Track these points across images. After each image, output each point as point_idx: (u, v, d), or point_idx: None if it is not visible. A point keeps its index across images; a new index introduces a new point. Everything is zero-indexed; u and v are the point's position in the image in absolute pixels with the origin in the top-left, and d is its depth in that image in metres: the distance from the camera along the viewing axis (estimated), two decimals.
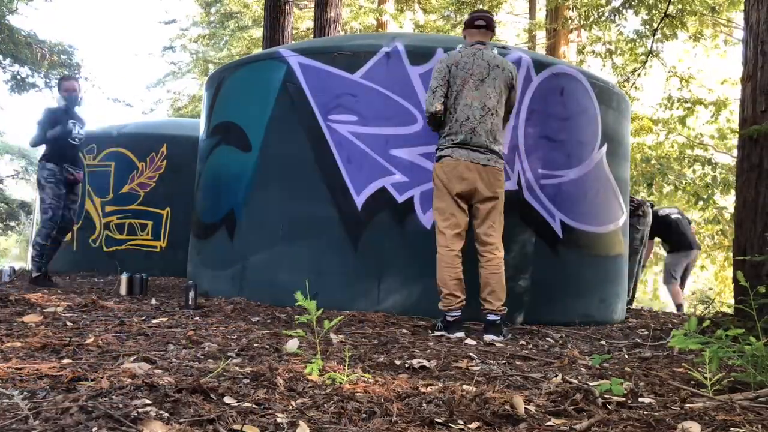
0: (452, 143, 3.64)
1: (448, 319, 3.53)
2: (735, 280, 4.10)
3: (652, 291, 13.50)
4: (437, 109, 3.65)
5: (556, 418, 1.75)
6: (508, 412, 1.73)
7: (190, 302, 4.07)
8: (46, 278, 5.39)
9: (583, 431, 1.63)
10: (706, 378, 2.16)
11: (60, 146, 5.32)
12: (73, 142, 5.41)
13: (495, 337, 3.44)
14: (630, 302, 6.73)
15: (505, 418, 1.71)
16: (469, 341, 3.31)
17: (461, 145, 3.61)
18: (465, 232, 3.63)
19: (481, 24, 3.79)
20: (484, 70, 3.66)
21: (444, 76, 3.67)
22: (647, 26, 9.99)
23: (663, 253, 12.72)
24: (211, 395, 1.75)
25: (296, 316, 2.81)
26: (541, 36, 15.10)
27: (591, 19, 10.60)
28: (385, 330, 3.48)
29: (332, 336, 3.10)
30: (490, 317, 3.54)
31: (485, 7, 13.62)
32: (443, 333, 3.48)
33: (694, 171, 10.39)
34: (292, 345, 2.68)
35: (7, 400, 1.66)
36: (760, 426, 1.65)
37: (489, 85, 3.66)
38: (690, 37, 11.52)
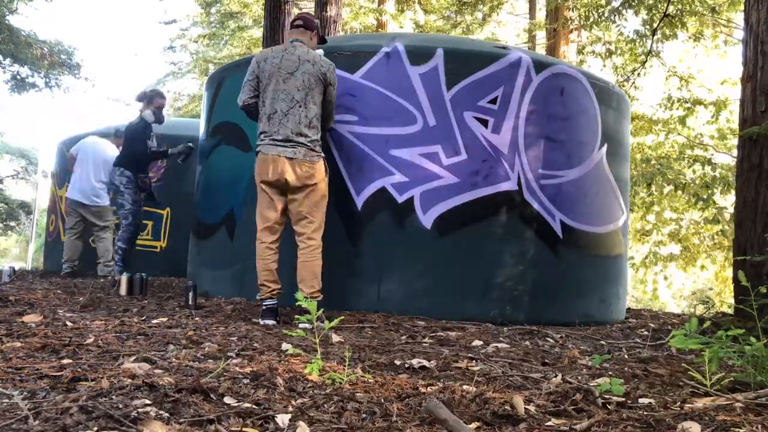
0: (262, 138, 3.77)
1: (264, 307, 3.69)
2: (735, 280, 4.11)
3: (653, 291, 13.49)
4: (246, 103, 3.87)
5: (556, 418, 1.75)
6: (508, 412, 1.73)
7: (190, 302, 4.07)
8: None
9: (583, 431, 1.63)
10: (706, 378, 2.16)
11: (139, 156, 5.66)
12: (149, 153, 5.75)
13: (306, 324, 3.41)
14: None
15: (505, 418, 1.71)
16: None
17: (270, 138, 3.72)
18: (279, 226, 3.79)
19: (299, 24, 3.96)
20: (293, 64, 3.74)
21: (253, 71, 3.83)
22: (647, 26, 9.99)
23: (663, 252, 12.74)
24: (211, 395, 1.75)
25: (296, 316, 2.81)
26: (541, 36, 15.10)
27: (591, 20, 10.59)
28: (385, 330, 3.49)
29: (332, 336, 3.10)
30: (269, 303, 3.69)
31: (485, 8, 13.64)
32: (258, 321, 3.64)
33: (694, 171, 10.39)
34: (292, 345, 2.68)
35: (7, 400, 1.66)
36: (760, 426, 1.65)
37: (297, 79, 3.72)
38: (690, 37, 11.52)
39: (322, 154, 3.83)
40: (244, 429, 1.51)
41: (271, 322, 3.59)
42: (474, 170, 4.26)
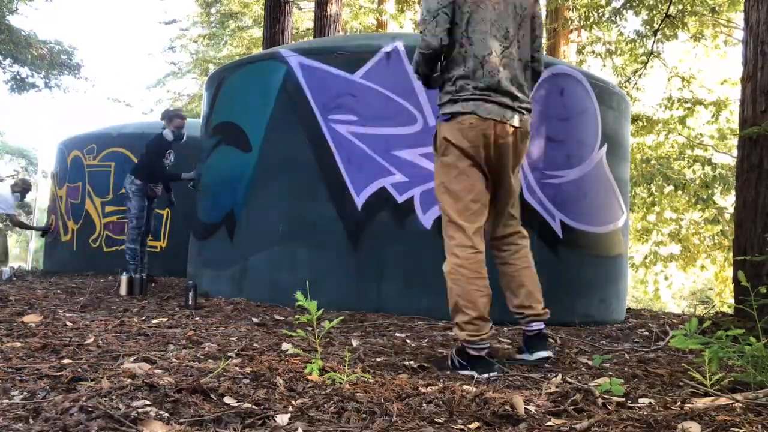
0: (474, 91, 2.52)
1: (472, 353, 2.48)
2: (735, 280, 4.10)
3: (653, 291, 13.49)
4: (444, 42, 2.52)
5: (556, 418, 1.75)
6: (508, 413, 1.73)
7: (190, 302, 4.07)
8: (149, 281, 5.78)
9: (583, 431, 1.63)
10: (706, 378, 2.16)
11: (152, 169, 6.00)
12: (163, 170, 6.11)
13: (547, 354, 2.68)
14: None
15: (505, 419, 1.71)
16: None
17: (486, 93, 2.52)
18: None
19: None
20: None
21: None
22: (647, 27, 9.99)
23: (663, 253, 12.73)
24: (211, 395, 1.75)
25: (296, 316, 2.81)
26: None
27: (591, 20, 10.59)
28: (385, 330, 3.48)
29: (333, 336, 3.10)
30: (535, 326, 2.73)
31: None
32: (472, 373, 2.40)
33: (694, 171, 10.39)
34: (292, 345, 2.68)
35: (7, 400, 1.66)
36: (760, 426, 1.65)
37: (510, 4, 2.61)
38: (690, 38, 11.52)
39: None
40: (244, 429, 1.51)
41: (494, 374, 2.39)
42: None
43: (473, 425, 1.66)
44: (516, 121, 2.57)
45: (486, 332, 2.55)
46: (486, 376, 2.34)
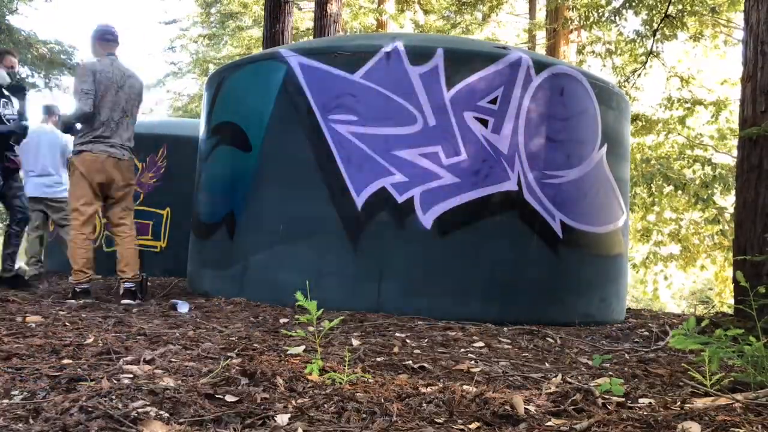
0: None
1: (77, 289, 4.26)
2: (735, 280, 4.10)
3: (653, 291, 13.49)
4: (91, 110, 4.30)
5: (556, 419, 1.75)
6: (508, 413, 1.73)
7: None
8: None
9: (582, 431, 1.63)
10: (706, 378, 2.16)
11: None
12: (5, 124, 4.84)
13: (131, 302, 4.20)
14: None
15: (505, 419, 1.71)
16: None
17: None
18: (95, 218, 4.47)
19: (111, 38, 4.54)
20: (120, 79, 4.41)
21: (92, 81, 4.32)
22: (647, 26, 9.99)
23: (663, 253, 12.74)
24: (211, 395, 1.75)
25: (296, 316, 2.81)
26: (541, 36, 15.10)
27: (591, 20, 10.59)
28: (385, 330, 3.48)
29: (333, 336, 3.10)
30: (127, 284, 4.32)
31: (485, 8, 13.63)
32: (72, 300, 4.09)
33: (694, 171, 10.40)
34: (292, 345, 2.68)
35: (7, 400, 1.66)
36: (760, 426, 1.65)
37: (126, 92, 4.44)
38: (690, 38, 11.52)
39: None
40: (244, 429, 1.51)
41: (89, 300, 4.12)
42: (474, 170, 4.26)
43: (473, 425, 1.66)
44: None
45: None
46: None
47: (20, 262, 7.32)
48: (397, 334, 3.35)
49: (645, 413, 1.79)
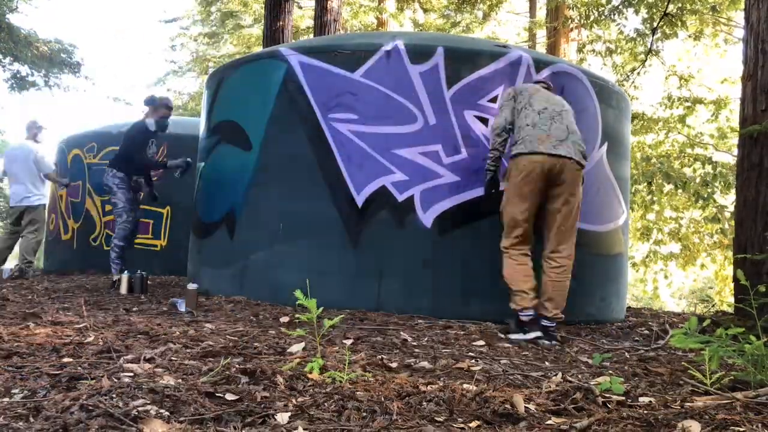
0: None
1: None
2: (735, 278, 4.11)
3: (653, 290, 13.48)
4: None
5: (557, 417, 1.75)
6: (508, 411, 1.73)
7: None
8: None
9: (583, 430, 1.63)
10: (706, 377, 2.16)
11: (134, 159, 5.59)
12: (146, 160, 5.73)
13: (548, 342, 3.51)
14: None
15: (505, 417, 1.71)
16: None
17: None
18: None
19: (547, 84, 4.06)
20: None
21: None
22: (647, 25, 9.98)
23: (663, 252, 12.72)
24: (212, 394, 1.75)
25: (297, 315, 2.81)
26: (541, 35, 15.09)
27: (591, 18, 10.58)
28: (385, 329, 3.48)
29: (333, 335, 3.10)
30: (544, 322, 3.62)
31: (485, 7, 13.61)
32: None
33: (694, 170, 10.39)
34: (293, 344, 2.68)
35: (7, 399, 1.66)
36: (760, 425, 1.65)
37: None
38: (690, 36, 11.51)
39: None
40: (244, 427, 1.52)
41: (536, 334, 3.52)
42: (474, 169, 4.26)
43: (473, 424, 1.66)
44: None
45: None
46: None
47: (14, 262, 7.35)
48: (398, 333, 3.35)
49: (645, 412, 1.79)
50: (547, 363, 2.72)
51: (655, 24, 9.50)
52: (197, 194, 5.40)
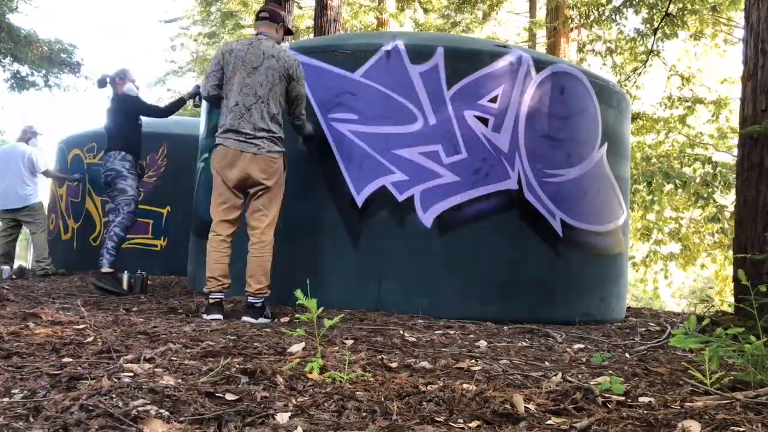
0: (225, 131, 3.77)
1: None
2: (735, 278, 4.11)
3: (653, 290, 13.49)
4: (210, 94, 3.87)
5: (557, 417, 1.75)
6: (508, 411, 1.73)
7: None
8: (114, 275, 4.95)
9: (583, 430, 1.63)
10: (706, 377, 2.16)
11: (138, 138, 5.21)
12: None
13: (251, 319, 3.67)
14: None
15: (505, 417, 1.71)
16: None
17: (233, 132, 3.74)
18: (237, 220, 3.84)
19: (264, 16, 3.95)
20: (258, 59, 3.74)
21: (218, 62, 3.83)
22: (648, 25, 9.99)
23: (663, 252, 12.73)
24: (212, 394, 1.75)
25: (297, 315, 2.81)
26: (541, 35, 15.09)
27: (591, 18, 10.59)
28: (385, 329, 3.48)
29: (333, 334, 3.10)
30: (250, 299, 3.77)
31: (485, 7, 13.62)
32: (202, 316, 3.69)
33: (694, 170, 10.39)
34: (293, 344, 2.68)
35: (7, 399, 1.66)
36: (760, 425, 1.65)
37: (261, 74, 3.73)
38: (690, 36, 11.51)
39: (283, 150, 3.85)
40: (244, 427, 1.51)
41: (218, 316, 3.66)
42: (474, 169, 4.26)
43: (473, 424, 1.66)
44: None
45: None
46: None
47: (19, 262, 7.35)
48: (398, 333, 3.35)
49: (645, 412, 1.79)
50: (547, 363, 2.72)
51: (656, 24, 9.50)
52: (197, 194, 5.40)
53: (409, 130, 4.28)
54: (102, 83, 5.28)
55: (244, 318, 3.69)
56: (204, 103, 5.41)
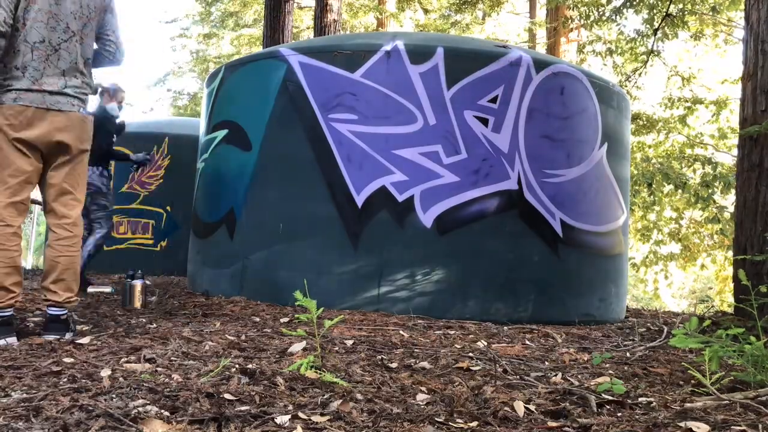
0: (18, 77, 2.72)
1: None
2: (735, 279, 4.11)
3: (653, 290, 13.49)
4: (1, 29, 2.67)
5: (556, 417, 1.75)
6: (508, 411, 1.73)
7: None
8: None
9: (583, 430, 1.63)
10: (706, 377, 2.16)
11: (106, 152, 5.09)
12: (112, 151, 5.26)
13: (55, 336, 2.68)
14: None
15: (505, 417, 1.71)
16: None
17: (32, 80, 2.73)
18: (28, 202, 2.80)
19: None
20: None
21: None
22: (648, 25, 9.99)
23: (663, 252, 12.73)
24: (211, 394, 1.75)
25: (296, 315, 2.81)
26: (541, 35, 15.10)
27: (591, 19, 10.59)
28: (385, 329, 3.48)
29: (333, 335, 3.10)
30: (53, 310, 2.77)
31: (485, 7, 13.62)
32: None
33: (694, 170, 10.40)
34: (292, 344, 2.68)
35: (7, 399, 1.66)
36: (760, 425, 1.65)
37: (75, 3, 2.83)
38: (691, 37, 11.52)
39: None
40: (244, 428, 1.51)
41: (11, 339, 2.58)
42: (474, 169, 4.26)
43: (473, 424, 1.66)
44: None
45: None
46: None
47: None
48: (398, 333, 3.35)
49: (645, 412, 1.79)
50: (546, 363, 2.72)
51: (656, 24, 9.51)
52: (197, 194, 5.40)
53: (409, 130, 4.28)
54: (94, 91, 5.24)
55: (47, 336, 2.68)
56: (204, 102, 5.37)
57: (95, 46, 3.03)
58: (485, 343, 3.25)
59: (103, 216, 5.02)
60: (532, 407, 1.81)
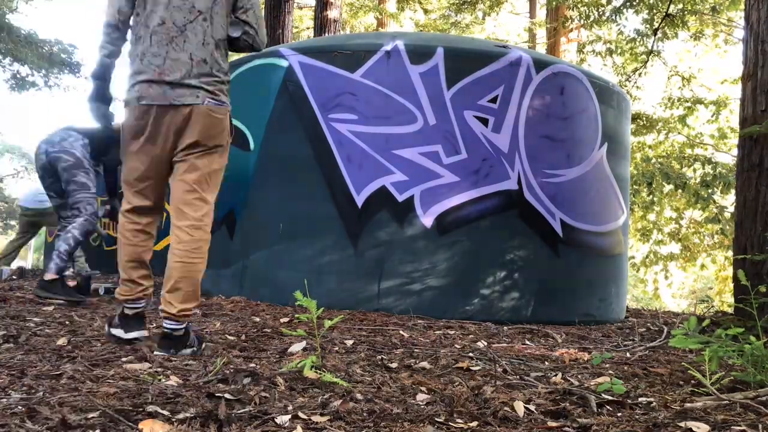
0: (142, 71, 2.48)
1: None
2: (735, 279, 4.10)
3: (653, 290, 13.49)
4: (115, 20, 2.47)
5: (556, 417, 1.75)
6: (508, 411, 1.73)
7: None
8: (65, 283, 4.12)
9: (583, 430, 1.63)
10: (706, 377, 2.16)
11: (105, 147, 4.50)
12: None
13: (162, 354, 2.40)
14: None
15: (505, 417, 1.71)
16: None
17: (158, 74, 2.46)
18: (161, 202, 2.70)
19: None
20: None
21: None
22: (648, 25, 9.99)
23: (663, 252, 12.74)
24: (211, 394, 1.75)
25: (297, 315, 2.81)
26: (541, 35, 15.10)
27: (591, 19, 10.60)
28: (385, 329, 3.48)
29: (333, 335, 3.10)
30: (166, 324, 2.48)
31: (485, 7, 13.62)
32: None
33: (694, 170, 10.41)
34: (292, 344, 2.68)
35: (5, 400, 1.65)
36: (760, 425, 1.65)
37: None
38: (691, 37, 11.52)
39: (228, 103, 2.63)
40: (244, 428, 1.51)
41: (140, 333, 2.56)
42: (474, 169, 4.26)
43: (473, 424, 1.66)
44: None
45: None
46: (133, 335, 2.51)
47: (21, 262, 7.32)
48: (398, 333, 3.35)
49: (645, 412, 1.79)
50: (546, 363, 2.72)
51: (656, 24, 9.51)
52: None
53: (409, 130, 4.28)
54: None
55: (158, 352, 2.42)
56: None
57: (230, 29, 2.63)
58: (485, 343, 3.25)
59: (84, 198, 4.17)
60: (532, 407, 1.81)
